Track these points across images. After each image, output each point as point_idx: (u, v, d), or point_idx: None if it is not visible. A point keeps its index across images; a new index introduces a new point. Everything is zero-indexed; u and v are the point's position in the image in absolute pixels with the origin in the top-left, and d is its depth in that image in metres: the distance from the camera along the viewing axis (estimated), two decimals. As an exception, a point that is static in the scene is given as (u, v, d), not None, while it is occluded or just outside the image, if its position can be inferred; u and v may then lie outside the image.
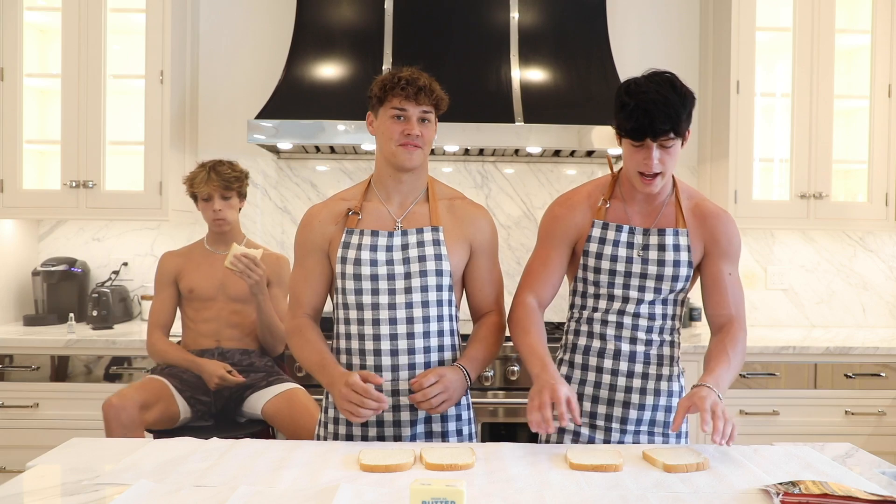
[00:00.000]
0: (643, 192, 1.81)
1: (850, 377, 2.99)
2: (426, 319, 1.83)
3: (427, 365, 1.84)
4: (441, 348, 1.86)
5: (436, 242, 1.84)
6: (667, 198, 1.87)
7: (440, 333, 1.85)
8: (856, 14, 3.40)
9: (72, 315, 3.14)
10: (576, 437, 1.89)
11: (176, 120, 3.27)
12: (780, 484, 1.38)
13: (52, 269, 3.35)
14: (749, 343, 3.04)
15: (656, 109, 1.68)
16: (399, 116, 1.82)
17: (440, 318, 1.85)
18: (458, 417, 1.89)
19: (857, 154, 3.37)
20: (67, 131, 3.16)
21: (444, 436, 1.87)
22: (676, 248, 1.83)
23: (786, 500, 1.32)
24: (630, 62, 3.59)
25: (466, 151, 3.38)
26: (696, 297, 3.47)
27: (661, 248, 1.83)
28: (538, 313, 1.88)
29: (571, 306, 1.96)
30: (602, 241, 1.85)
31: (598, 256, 1.85)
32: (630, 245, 1.84)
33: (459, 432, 1.89)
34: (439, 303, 1.85)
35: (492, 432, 2.89)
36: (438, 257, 1.83)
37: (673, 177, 1.88)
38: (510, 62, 3.26)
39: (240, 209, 2.70)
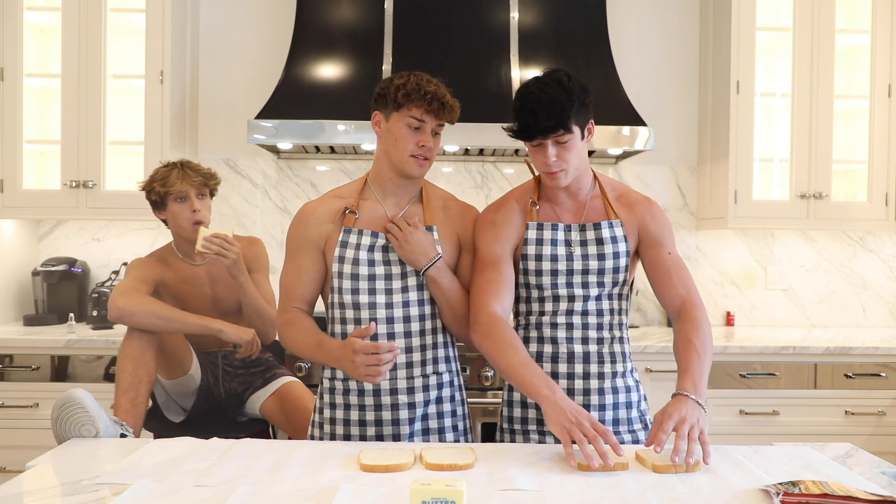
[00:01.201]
0: (552, 187, 1.83)
1: (850, 377, 2.99)
2: (422, 318, 1.85)
3: (423, 363, 1.85)
4: (435, 346, 1.88)
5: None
6: (590, 192, 1.89)
7: (434, 331, 1.87)
8: (856, 14, 3.40)
9: (72, 315, 3.14)
10: (542, 438, 1.86)
11: (176, 120, 3.27)
12: (780, 484, 1.38)
13: (52, 269, 3.35)
14: (749, 343, 3.06)
15: (540, 107, 1.71)
16: (416, 127, 1.81)
17: (433, 317, 1.87)
18: (454, 413, 1.91)
19: (857, 154, 3.37)
20: (67, 131, 3.16)
21: (441, 432, 1.88)
22: (614, 239, 1.84)
23: (786, 500, 1.32)
24: (630, 62, 3.59)
25: (466, 151, 3.38)
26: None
27: (600, 241, 1.84)
28: (511, 327, 1.79)
29: (516, 314, 1.91)
30: (539, 241, 1.84)
31: (538, 258, 1.84)
32: (567, 243, 1.85)
33: (455, 428, 1.91)
34: (433, 301, 1.86)
35: (492, 432, 2.89)
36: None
37: (594, 172, 1.91)
38: (510, 62, 3.26)
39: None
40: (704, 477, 1.49)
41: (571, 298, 1.84)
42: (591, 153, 3.34)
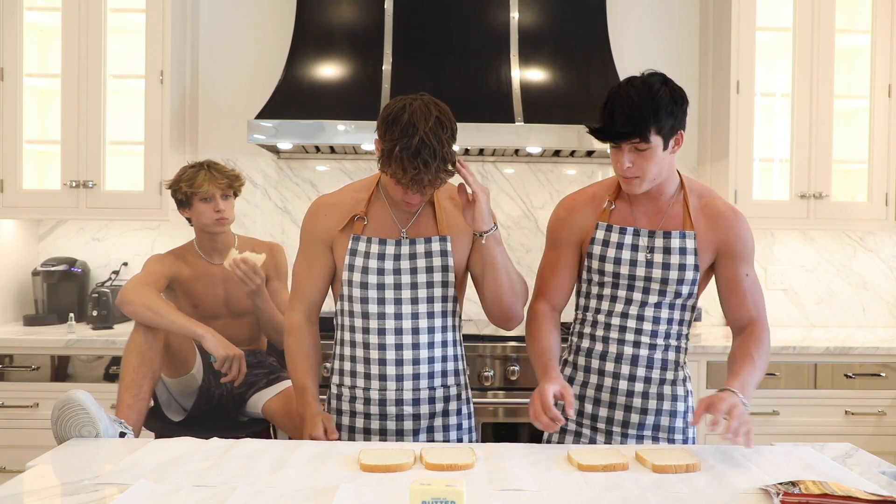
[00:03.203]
0: (627, 191, 1.79)
1: (850, 377, 2.99)
2: (431, 331, 1.83)
3: (431, 375, 1.84)
4: (444, 359, 1.86)
5: (443, 253, 1.83)
6: (673, 197, 1.82)
7: (444, 344, 1.86)
8: (856, 14, 3.40)
9: (72, 315, 3.14)
10: (577, 439, 1.90)
11: (176, 120, 3.27)
12: (780, 484, 1.38)
13: (52, 269, 3.35)
14: (749, 343, 3.06)
15: (620, 111, 1.65)
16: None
17: (444, 329, 1.86)
18: (459, 426, 1.91)
19: (857, 154, 3.37)
20: (67, 131, 3.16)
21: (446, 430, 1.88)
22: (682, 251, 1.79)
23: (786, 500, 1.32)
24: (630, 62, 3.59)
25: (466, 151, 3.38)
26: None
27: (667, 251, 1.80)
28: (549, 318, 1.89)
29: (576, 307, 1.95)
30: (606, 243, 1.83)
31: (602, 259, 1.83)
32: (635, 248, 1.81)
33: (460, 440, 1.90)
34: (444, 313, 1.85)
35: (492, 432, 2.89)
36: (446, 268, 1.83)
37: (680, 175, 1.85)
38: (510, 62, 3.26)
39: None
40: (704, 477, 1.49)
41: (629, 301, 1.83)
42: (590, 153, 3.34)
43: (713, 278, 1.90)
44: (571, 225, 1.87)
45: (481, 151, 3.40)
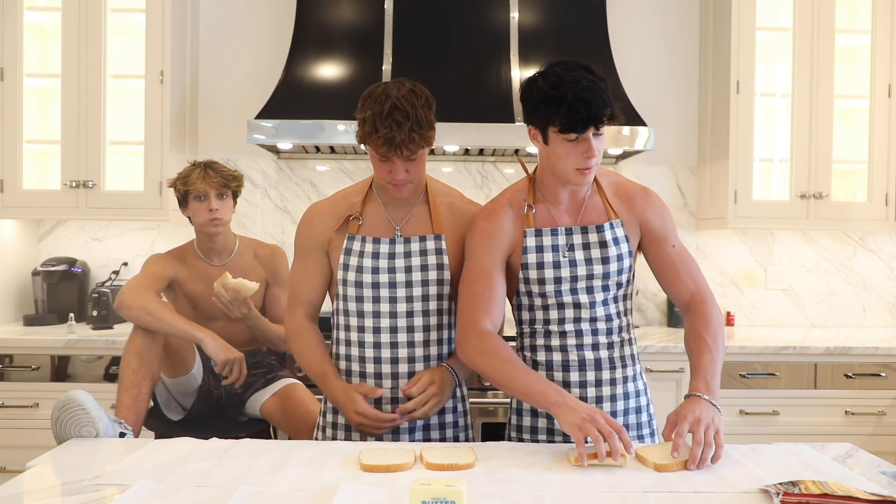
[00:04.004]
0: (579, 185, 1.73)
1: (850, 377, 2.99)
2: (426, 328, 1.83)
3: None
4: (440, 356, 1.86)
5: (438, 251, 1.83)
6: (587, 189, 1.79)
7: (440, 342, 1.85)
8: (856, 14, 3.40)
9: (72, 315, 3.14)
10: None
11: (176, 120, 3.27)
12: (780, 484, 1.38)
13: (52, 269, 3.35)
14: (749, 343, 3.06)
15: (593, 96, 1.61)
16: (384, 160, 1.74)
17: (440, 327, 1.85)
18: (455, 424, 1.90)
19: (857, 154, 3.37)
20: (67, 131, 3.16)
21: (442, 427, 1.88)
22: (616, 241, 1.77)
23: (786, 500, 1.32)
24: (630, 62, 3.59)
25: (466, 151, 3.38)
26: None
27: (603, 244, 1.76)
28: (501, 339, 1.73)
29: (520, 322, 1.84)
30: (539, 248, 1.76)
31: (540, 266, 1.75)
32: (570, 247, 1.77)
33: (456, 438, 1.90)
34: (440, 311, 1.84)
35: (492, 432, 2.89)
36: (440, 266, 1.82)
37: None
38: (510, 62, 3.26)
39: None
40: (704, 477, 1.49)
41: (578, 306, 1.77)
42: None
43: (642, 263, 1.87)
44: (498, 235, 1.77)
45: (481, 151, 3.40)
